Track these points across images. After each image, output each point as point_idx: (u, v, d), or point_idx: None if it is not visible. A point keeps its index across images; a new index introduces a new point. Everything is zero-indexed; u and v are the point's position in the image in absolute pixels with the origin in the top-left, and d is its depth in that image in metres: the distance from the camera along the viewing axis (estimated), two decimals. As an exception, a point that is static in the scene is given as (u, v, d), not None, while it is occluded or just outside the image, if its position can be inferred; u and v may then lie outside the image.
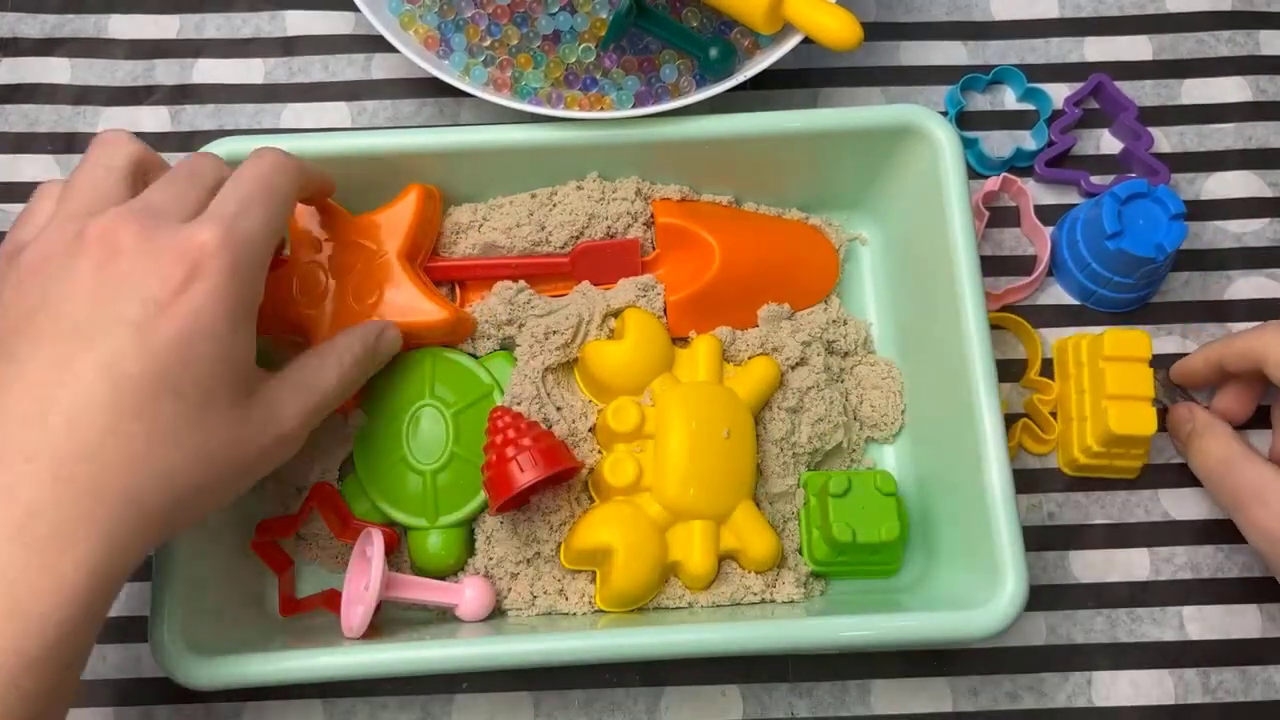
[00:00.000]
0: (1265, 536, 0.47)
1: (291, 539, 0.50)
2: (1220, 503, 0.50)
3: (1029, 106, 0.60)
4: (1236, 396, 0.53)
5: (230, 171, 0.41)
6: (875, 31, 0.60)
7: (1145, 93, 0.60)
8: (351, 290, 0.48)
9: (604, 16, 0.54)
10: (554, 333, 0.50)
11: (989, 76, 0.59)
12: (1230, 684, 0.51)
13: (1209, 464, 0.50)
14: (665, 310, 0.52)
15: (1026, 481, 0.53)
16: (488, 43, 0.54)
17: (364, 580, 0.47)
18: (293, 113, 0.59)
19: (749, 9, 0.50)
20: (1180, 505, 0.53)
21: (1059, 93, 0.59)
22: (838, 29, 0.49)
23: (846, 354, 0.54)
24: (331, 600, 0.49)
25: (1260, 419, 0.54)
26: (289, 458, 0.41)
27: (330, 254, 0.49)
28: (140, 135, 0.57)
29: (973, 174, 0.58)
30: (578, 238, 0.52)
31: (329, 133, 0.52)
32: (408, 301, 0.48)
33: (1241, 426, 0.53)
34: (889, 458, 0.53)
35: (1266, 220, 0.58)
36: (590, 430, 0.50)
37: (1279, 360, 0.48)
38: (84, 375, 0.34)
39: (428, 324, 0.48)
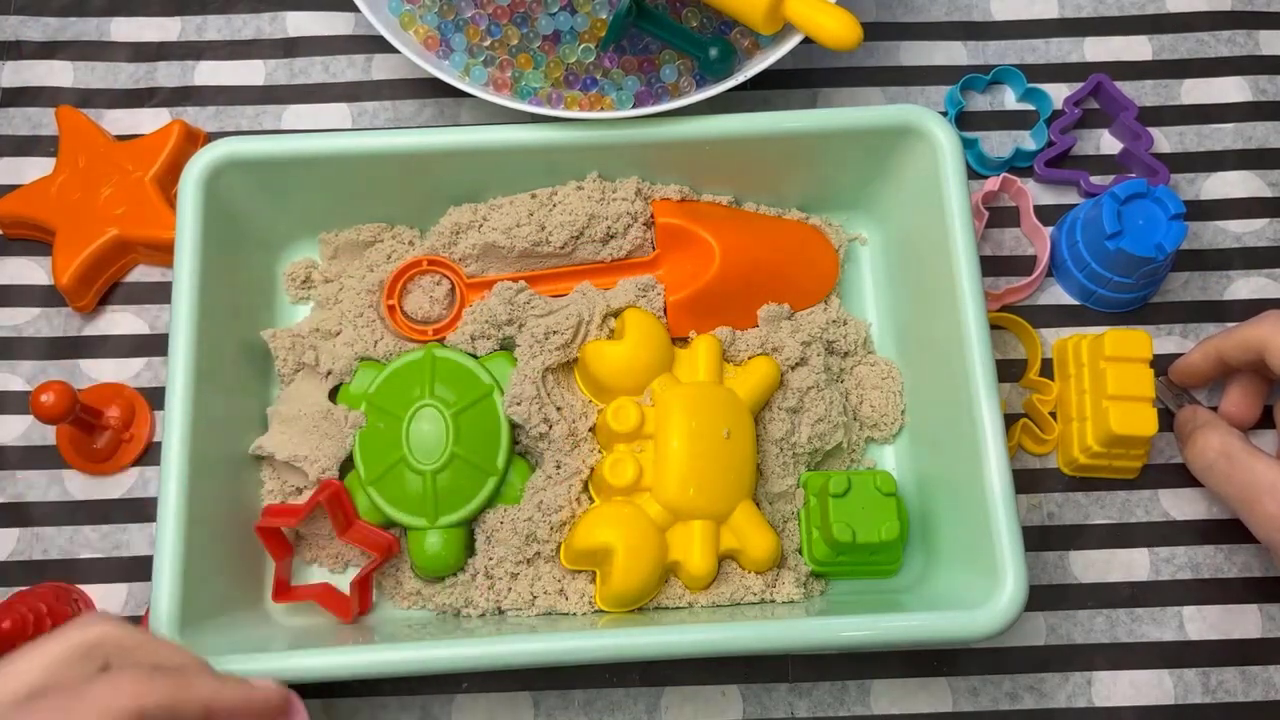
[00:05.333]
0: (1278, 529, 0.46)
1: (291, 538, 0.51)
2: (1224, 497, 0.49)
3: (1029, 106, 0.60)
4: (1242, 397, 0.53)
5: None
6: (875, 31, 0.60)
7: (1145, 93, 0.60)
8: (101, 198, 0.56)
9: (604, 16, 0.54)
10: (554, 333, 0.50)
11: (989, 76, 0.59)
12: (1230, 684, 0.51)
13: (1208, 457, 0.49)
14: (665, 310, 0.52)
15: (1026, 481, 0.53)
16: (488, 43, 0.54)
17: None
18: (293, 114, 0.59)
19: (749, 9, 0.50)
20: (1180, 505, 0.53)
21: (1059, 93, 0.59)
22: (837, 29, 0.49)
23: (846, 354, 0.54)
24: (325, 594, 0.49)
25: (1263, 421, 0.54)
26: None
27: (85, 165, 0.56)
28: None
29: (973, 174, 0.58)
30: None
31: (329, 133, 0.52)
32: (151, 217, 0.55)
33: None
34: (889, 458, 0.53)
35: (1266, 220, 0.58)
36: (590, 430, 0.50)
37: (1279, 348, 0.48)
38: None
39: (165, 239, 0.54)
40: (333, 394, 0.52)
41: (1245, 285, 0.57)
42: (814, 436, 0.51)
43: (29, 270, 0.57)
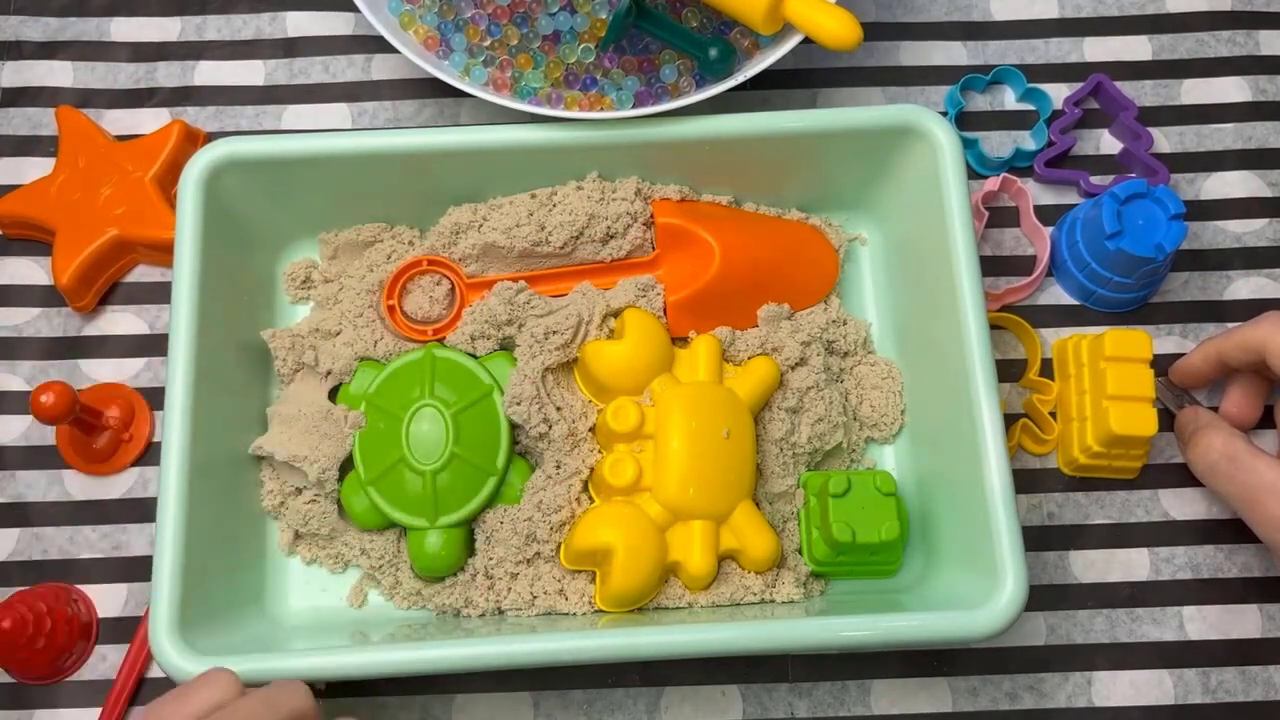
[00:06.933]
0: None
1: (291, 538, 0.51)
2: (1226, 497, 0.49)
3: (1029, 106, 0.60)
4: (1242, 398, 0.52)
5: None
6: (875, 31, 0.60)
7: (1145, 93, 0.60)
8: (101, 198, 0.55)
9: (604, 16, 0.54)
10: (554, 333, 0.50)
11: (989, 77, 0.59)
12: (1230, 684, 0.51)
13: (1210, 458, 0.49)
14: (665, 310, 0.52)
15: (1026, 481, 0.53)
16: (488, 43, 0.54)
17: None
18: (293, 114, 0.59)
19: (749, 9, 0.50)
20: (1180, 505, 0.53)
21: (1059, 93, 0.59)
22: (837, 29, 0.49)
23: (846, 354, 0.54)
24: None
25: (1264, 421, 0.54)
26: None
27: (85, 166, 0.56)
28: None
29: (973, 174, 0.58)
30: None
31: (329, 133, 0.52)
32: (151, 217, 0.55)
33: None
34: (889, 458, 0.53)
35: (1266, 220, 0.58)
36: (590, 430, 0.50)
37: (1279, 349, 0.48)
38: None
39: (165, 239, 0.53)
40: (332, 394, 0.52)
41: (1245, 285, 0.57)
42: (814, 436, 0.51)
43: (29, 270, 0.57)
